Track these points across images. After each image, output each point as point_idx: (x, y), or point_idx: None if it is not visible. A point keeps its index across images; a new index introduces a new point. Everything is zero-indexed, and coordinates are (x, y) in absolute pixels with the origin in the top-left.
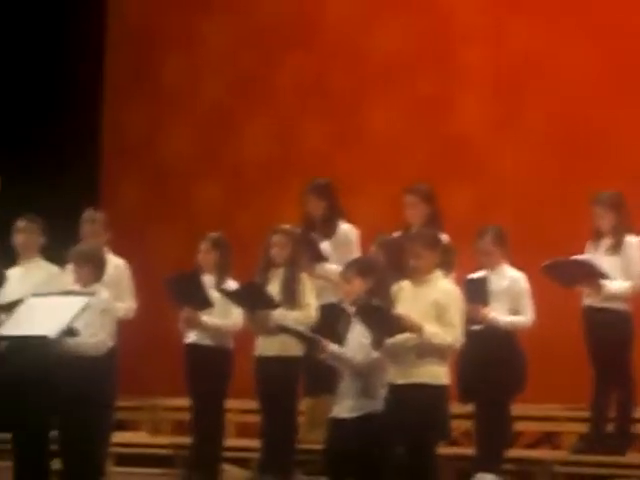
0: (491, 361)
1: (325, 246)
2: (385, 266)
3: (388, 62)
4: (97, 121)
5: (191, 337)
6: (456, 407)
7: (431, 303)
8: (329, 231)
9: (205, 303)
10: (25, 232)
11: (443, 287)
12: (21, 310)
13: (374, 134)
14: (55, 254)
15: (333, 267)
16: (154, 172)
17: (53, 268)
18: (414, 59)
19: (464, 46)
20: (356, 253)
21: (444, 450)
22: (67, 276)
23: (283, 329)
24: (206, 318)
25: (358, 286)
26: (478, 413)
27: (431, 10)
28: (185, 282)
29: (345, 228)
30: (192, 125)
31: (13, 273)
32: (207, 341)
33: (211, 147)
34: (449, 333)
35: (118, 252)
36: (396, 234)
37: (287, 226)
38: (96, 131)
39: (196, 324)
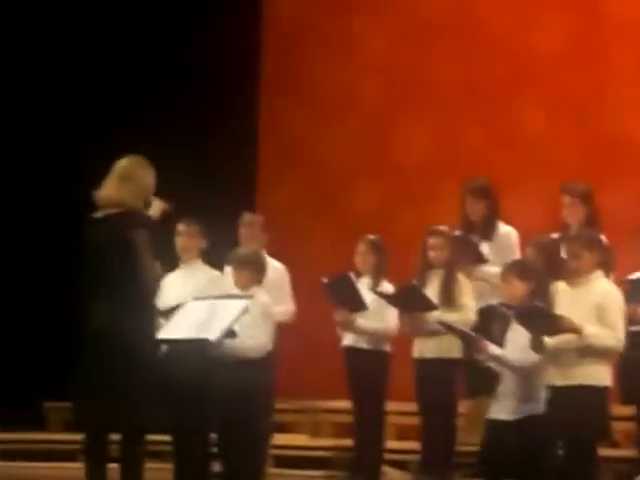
0: None
1: (484, 248)
2: (543, 268)
3: (544, 60)
4: (254, 124)
5: (348, 340)
6: (617, 409)
7: (592, 305)
8: (488, 232)
9: (359, 305)
10: (185, 235)
11: (603, 288)
12: (181, 313)
13: (531, 133)
14: (215, 257)
15: (492, 269)
16: (310, 174)
17: (213, 272)
18: (570, 57)
19: (620, 44)
20: (516, 255)
21: (604, 452)
22: (227, 280)
23: (445, 326)
24: (361, 321)
25: (518, 288)
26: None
27: (587, 8)
28: (340, 284)
29: (506, 230)
30: (348, 127)
31: (173, 276)
32: (363, 344)
33: (368, 149)
34: (610, 335)
35: (275, 255)
36: (554, 235)
37: (444, 228)
38: (253, 134)
39: (350, 326)
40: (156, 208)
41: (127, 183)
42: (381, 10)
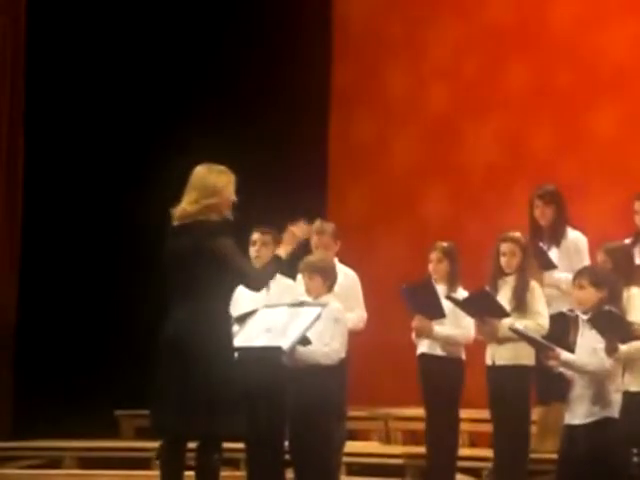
0: None
1: (553, 254)
2: (616, 275)
3: (615, 65)
4: (324, 132)
5: (423, 347)
6: None
7: None
8: (557, 238)
9: (438, 312)
10: (260, 244)
11: None
12: (254, 321)
13: (601, 139)
14: (288, 265)
15: (562, 275)
16: (381, 181)
17: (286, 280)
18: None
19: None
20: (586, 261)
21: None
22: (299, 287)
23: (518, 333)
24: (438, 328)
25: (591, 294)
26: None
27: None
28: (420, 291)
29: (575, 236)
30: (418, 133)
31: None
32: (439, 351)
33: (437, 154)
34: None
35: (345, 261)
36: (627, 241)
37: (516, 234)
38: (324, 142)
39: (428, 333)
40: (284, 251)
41: (192, 192)
42: (447, 17)
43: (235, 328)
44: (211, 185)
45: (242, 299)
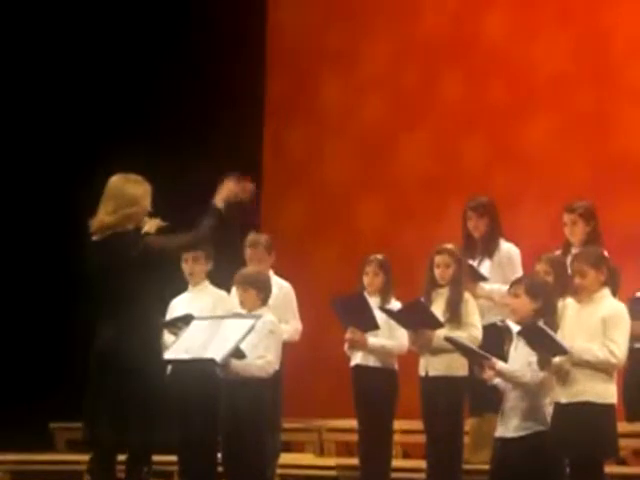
0: None
1: (486, 265)
2: (553, 286)
3: (548, 79)
4: (258, 144)
5: (356, 358)
6: (625, 426)
7: (598, 321)
8: (490, 250)
9: (372, 324)
10: (191, 261)
11: (611, 304)
12: (187, 333)
13: (534, 151)
14: (222, 278)
15: (495, 287)
16: (315, 192)
17: (220, 292)
18: (574, 75)
19: (625, 62)
20: (519, 272)
21: (612, 469)
22: (233, 300)
23: (453, 343)
24: (372, 339)
25: (525, 304)
26: None
27: (592, 26)
28: (352, 303)
29: (508, 247)
30: (352, 144)
31: (181, 299)
32: (372, 362)
33: (372, 166)
34: (604, 348)
35: (280, 273)
36: (557, 252)
37: (450, 246)
38: (257, 152)
39: (362, 345)
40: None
41: (109, 202)
42: (381, 28)
43: (169, 339)
44: (130, 195)
45: (178, 308)
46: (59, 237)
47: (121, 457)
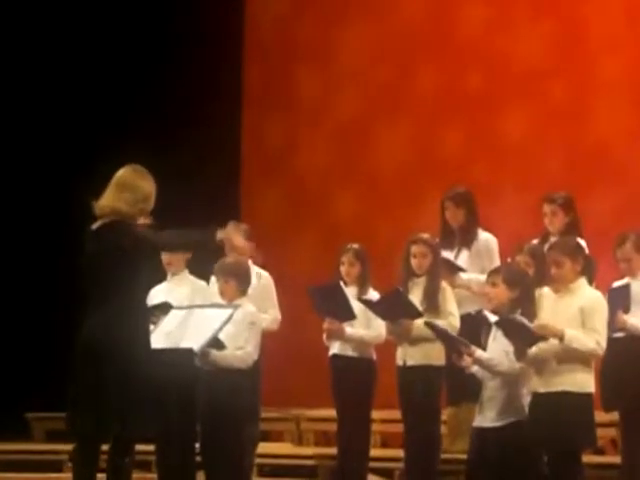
0: (633, 369)
1: (464, 255)
2: (531, 276)
3: (524, 68)
4: (237, 135)
5: (334, 348)
6: (602, 415)
7: (576, 310)
8: (468, 240)
9: (348, 314)
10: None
11: (588, 294)
12: (166, 323)
13: (511, 142)
14: (201, 268)
15: (473, 276)
16: (293, 182)
17: (198, 282)
18: (551, 67)
19: (601, 55)
20: (496, 262)
21: (589, 458)
22: (212, 290)
23: (433, 329)
24: (350, 329)
25: (502, 293)
26: (623, 421)
27: (568, 18)
28: (328, 293)
29: (485, 237)
30: (329, 136)
31: (160, 289)
32: (350, 352)
33: (349, 158)
34: (591, 338)
35: (259, 264)
36: (535, 241)
37: (426, 235)
38: (235, 143)
39: (339, 335)
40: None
41: (124, 192)
42: (358, 20)
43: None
44: (146, 191)
45: (157, 298)
46: (42, 232)
47: (104, 447)
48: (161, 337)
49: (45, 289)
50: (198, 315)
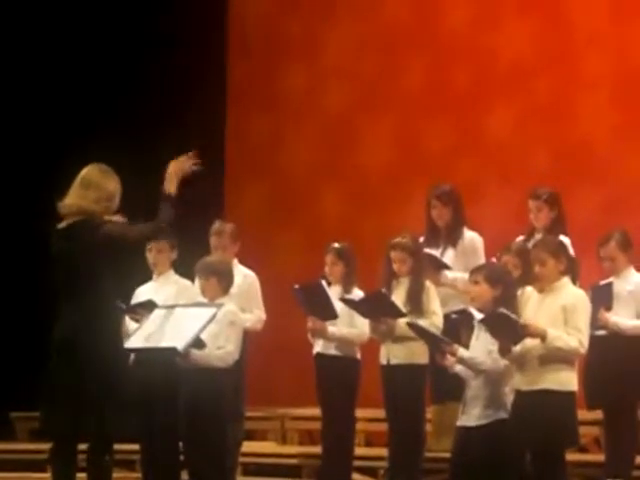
0: (616, 367)
1: (450, 254)
2: (513, 274)
3: (510, 66)
4: (221, 130)
5: (318, 346)
6: (585, 413)
7: (558, 309)
8: (454, 239)
9: (330, 313)
10: (155, 251)
11: (571, 292)
12: (149, 321)
13: (497, 139)
14: (187, 267)
15: (459, 275)
16: (278, 179)
17: (184, 282)
18: (536, 63)
19: (586, 51)
20: (482, 261)
21: (573, 457)
22: (196, 289)
23: (415, 328)
24: (333, 328)
25: (485, 291)
26: (606, 419)
27: (554, 15)
28: (311, 292)
29: (471, 236)
30: (315, 131)
31: (146, 288)
32: (333, 351)
33: (335, 153)
34: (574, 337)
35: (243, 261)
36: (520, 238)
37: (405, 239)
38: (220, 139)
39: (322, 334)
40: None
41: (88, 190)
42: (344, 15)
43: (131, 326)
44: (111, 189)
45: (142, 297)
46: (21, 228)
47: (82, 446)
48: (144, 336)
49: (27, 287)
50: (180, 314)
